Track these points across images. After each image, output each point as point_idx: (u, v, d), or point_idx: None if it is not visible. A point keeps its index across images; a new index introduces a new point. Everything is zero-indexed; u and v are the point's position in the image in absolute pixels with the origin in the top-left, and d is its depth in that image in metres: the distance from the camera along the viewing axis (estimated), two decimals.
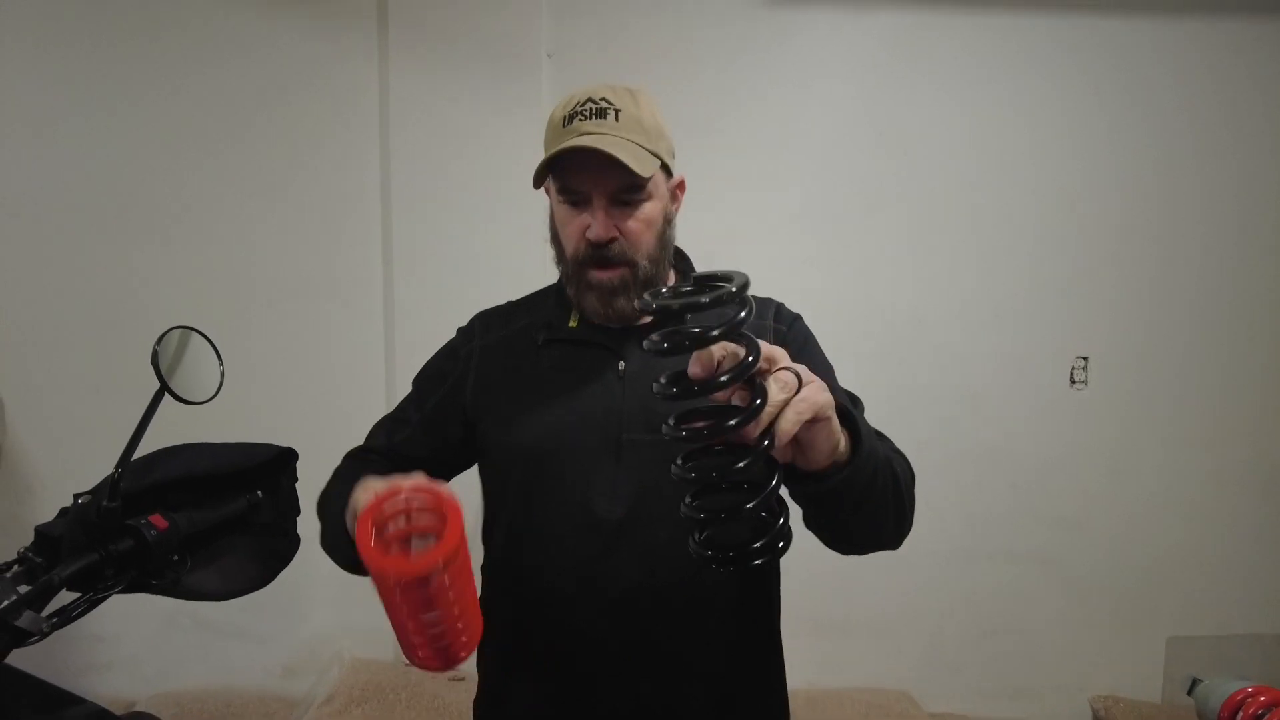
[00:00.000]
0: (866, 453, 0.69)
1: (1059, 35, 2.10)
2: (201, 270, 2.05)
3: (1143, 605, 2.24)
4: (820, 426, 0.61)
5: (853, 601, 2.19)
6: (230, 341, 2.18)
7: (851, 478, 0.68)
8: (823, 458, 0.64)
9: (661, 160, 0.94)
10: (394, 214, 2.06)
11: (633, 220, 0.93)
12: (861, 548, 0.83)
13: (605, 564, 0.92)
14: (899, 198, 2.14)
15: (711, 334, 0.56)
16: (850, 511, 0.73)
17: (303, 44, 2.02)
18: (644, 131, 0.92)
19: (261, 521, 1.07)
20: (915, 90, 2.11)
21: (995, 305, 2.17)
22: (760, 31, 2.08)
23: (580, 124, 0.91)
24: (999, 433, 2.19)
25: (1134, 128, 2.13)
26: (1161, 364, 2.19)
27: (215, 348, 1.04)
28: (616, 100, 0.92)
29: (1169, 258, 2.17)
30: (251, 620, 2.17)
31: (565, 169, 0.92)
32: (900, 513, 0.80)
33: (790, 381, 0.59)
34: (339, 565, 0.95)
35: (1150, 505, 2.22)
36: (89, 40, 1.98)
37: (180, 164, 2.03)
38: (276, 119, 2.03)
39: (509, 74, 2.01)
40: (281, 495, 1.08)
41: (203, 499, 1.02)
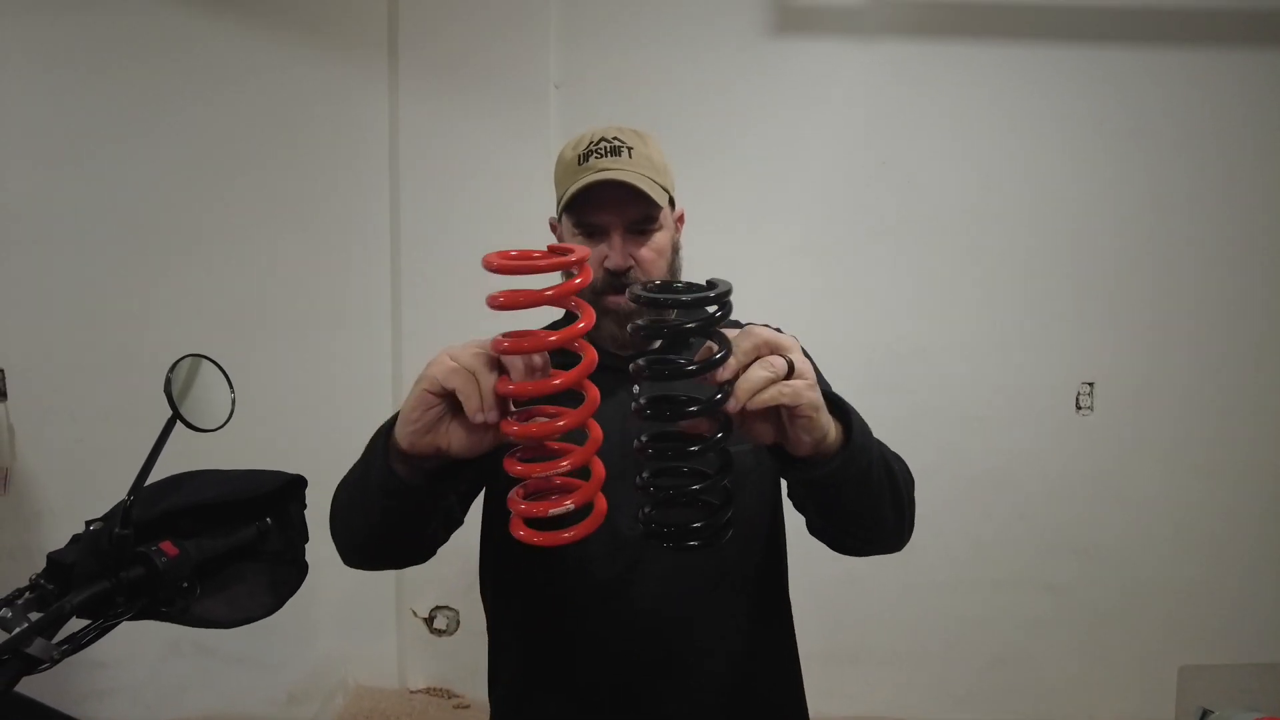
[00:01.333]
0: (860, 443, 0.72)
1: (1060, 65, 2.12)
2: (212, 297, 2.07)
3: (1153, 633, 2.21)
4: (804, 420, 0.65)
5: (859, 631, 2.17)
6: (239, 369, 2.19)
7: (845, 467, 0.71)
8: (805, 446, 0.68)
9: (669, 194, 1.01)
10: (403, 242, 2.09)
11: (646, 249, 0.98)
12: (864, 545, 0.87)
13: (630, 585, 0.95)
14: (902, 226, 2.15)
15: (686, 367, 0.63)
16: (848, 502, 0.77)
17: (314, 73, 2.06)
18: (654, 168, 0.98)
19: (271, 549, 1.08)
20: (918, 119, 2.13)
21: (999, 333, 2.17)
22: (764, 61, 2.11)
23: (597, 161, 0.96)
24: (1005, 460, 2.18)
25: (1136, 155, 2.14)
26: (1168, 389, 2.18)
27: (227, 376, 1.05)
28: (627, 140, 0.98)
29: (1173, 282, 2.17)
30: (255, 646, 2.16)
31: (584, 203, 0.96)
32: (899, 508, 0.83)
33: (779, 366, 0.63)
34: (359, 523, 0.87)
35: (1160, 531, 2.20)
36: (100, 69, 2.02)
37: (191, 192, 2.06)
38: (287, 148, 2.06)
39: (517, 104, 2.05)
40: (290, 523, 1.09)
41: (212, 526, 1.02)
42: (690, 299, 0.62)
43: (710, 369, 0.62)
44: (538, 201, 0.98)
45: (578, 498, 0.65)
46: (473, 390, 0.64)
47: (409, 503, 0.77)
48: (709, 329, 0.63)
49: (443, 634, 2.18)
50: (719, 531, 0.67)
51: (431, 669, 2.20)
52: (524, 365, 0.65)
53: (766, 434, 0.68)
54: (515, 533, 0.65)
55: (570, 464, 0.64)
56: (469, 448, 0.69)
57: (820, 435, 0.68)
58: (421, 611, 2.18)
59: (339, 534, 0.90)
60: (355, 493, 0.84)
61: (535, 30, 2.05)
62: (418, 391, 0.68)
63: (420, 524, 0.83)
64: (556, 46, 2.07)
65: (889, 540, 0.86)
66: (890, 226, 2.15)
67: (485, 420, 0.64)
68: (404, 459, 0.73)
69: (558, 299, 0.65)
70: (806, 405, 0.64)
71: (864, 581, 2.09)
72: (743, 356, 0.63)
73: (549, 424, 0.64)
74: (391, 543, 0.87)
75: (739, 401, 0.62)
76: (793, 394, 0.63)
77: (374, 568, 0.92)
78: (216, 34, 2.03)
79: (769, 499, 1.03)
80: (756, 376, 0.62)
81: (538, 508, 0.64)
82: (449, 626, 2.18)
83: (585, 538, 0.66)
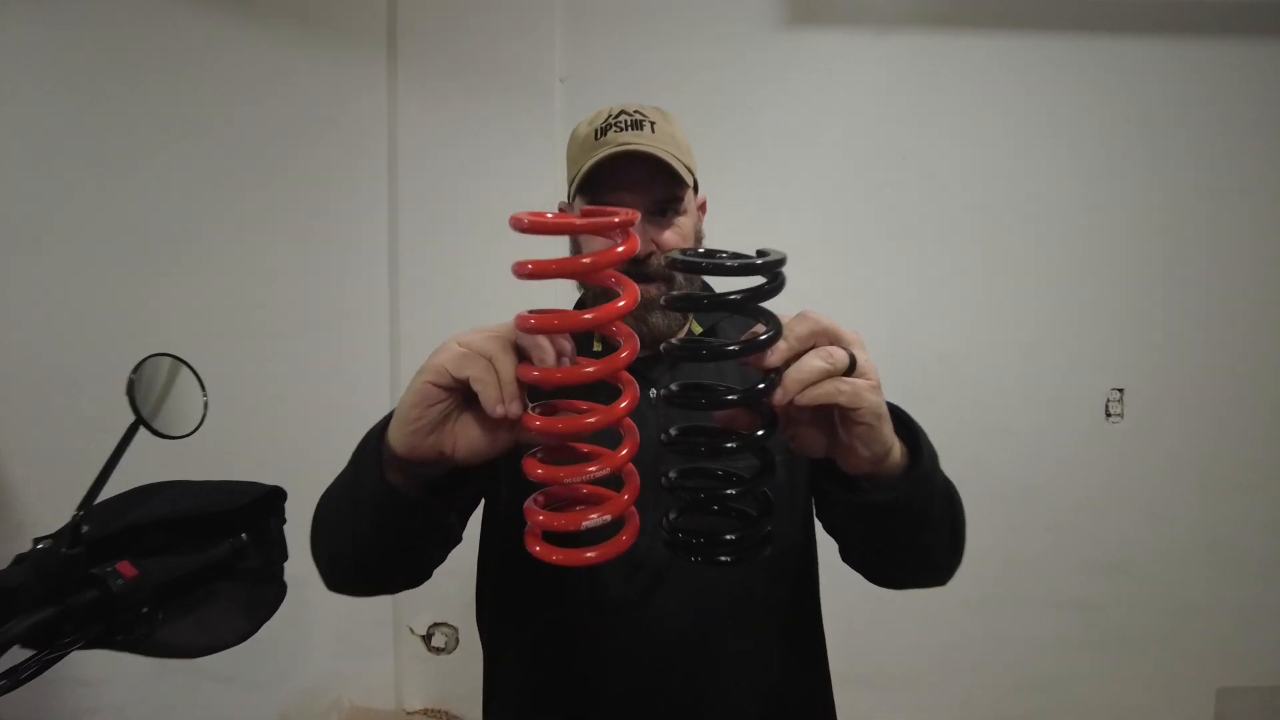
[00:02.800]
0: (927, 468, 0.64)
1: (1087, 56, 2.04)
2: (204, 300, 2.00)
3: (1190, 654, 2.12)
4: (863, 430, 0.56)
5: (882, 653, 2.08)
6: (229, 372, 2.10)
7: (908, 495, 0.62)
8: (861, 463, 0.59)
9: (693, 175, 0.92)
10: (401, 244, 2.01)
11: (669, 233, 0.89)
12: (908, 579, 0.79)
13: (649, 608, 0.85)
14: (922, 224, 2.08)
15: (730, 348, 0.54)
16: (903, 535, 0.68)
17: (309, 69, 1.99)
18: (678, 146, 0.89)
19: (247, 567, 0.99)
20: (938, 114, 2.06)
21: (1023, 336, 2.09)
22: (779, 54, 2.03)
23: (616, 135, 0.87)
24: (1032, 471, 2.09)
25: (1171, 150, 2.07)
26: (1202, 395, 2.10)
27: (199, 377, 0.96)
28: (649, 115, 0.90)
29: (1209, 281, 2.09)
30: (245, 666, 2.07)
31: (601, 181, 0.87)
32: (956, 542, 0.75)
33: (838, 358, 0.54)
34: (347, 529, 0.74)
35: (1196, 545, 2.11)
36: (84, 67, 1.95)
37: (183, 193, 1.99)
38: (281, 146, 1.99)
39: (521, 100, 1.97)
40: (268, 538, 1.00)
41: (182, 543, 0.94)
42: (737, 265, 0.54)
43: (756, 350, 0.53)
44: (543, 201, 0.89)
45: (611, 508, 0.55)
46: (491, 378, 0.55)
47: (406, 519, 0.67)
48: (756, 305, 0.54)
49: (441, 652, 2.10)
50: (756, 545, 0.58)
51: (430, 689, 2.12)
52: (550, 347, 0.56)
53: (815, 442, 0.59)
54: (531, 548, 0.56)
55: (605, 468, 0.55)
56: (480, 450, 0.60)
57: (881, 451, 0.58)
58: (419, 629, 2.10)
59: (322, 554, 0.79)
60: (342, 506, 0.74)
61: (539, 22, 1.98)
62: (419, 384, 0.58)
63: (418, 543, 0.73)
64: (562, 39, 2.00)
65: (939, 576, 0.77)
66: (910, 224, 2.07)
67: (506, 413, 0.55)
68: (401, 466, 0.63)
69: (596, 270, 0.55)
70: (868, 410, 0.55)
71: (884, 600, 1.95)
72: (795, 342, 0.54)
73: (579, 419, 0.55)
74: (383, 565, 0.76)
75: (787, 393, 0.53)
76: (852, 393, 0.54)
77: (363, 593, 0.82)
78: (206, 30, 1.96)
79: (801, 515, 0.93)
80: (811, 366, 0.53)
81: (566, 520, 0.55)
82: (448, 644, 2.10)
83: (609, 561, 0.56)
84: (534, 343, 0.55)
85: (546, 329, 0.54)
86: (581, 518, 0.54)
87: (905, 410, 0.67)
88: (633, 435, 0.58)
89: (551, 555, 0.55)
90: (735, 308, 0.55)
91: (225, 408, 1.87)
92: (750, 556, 0.58)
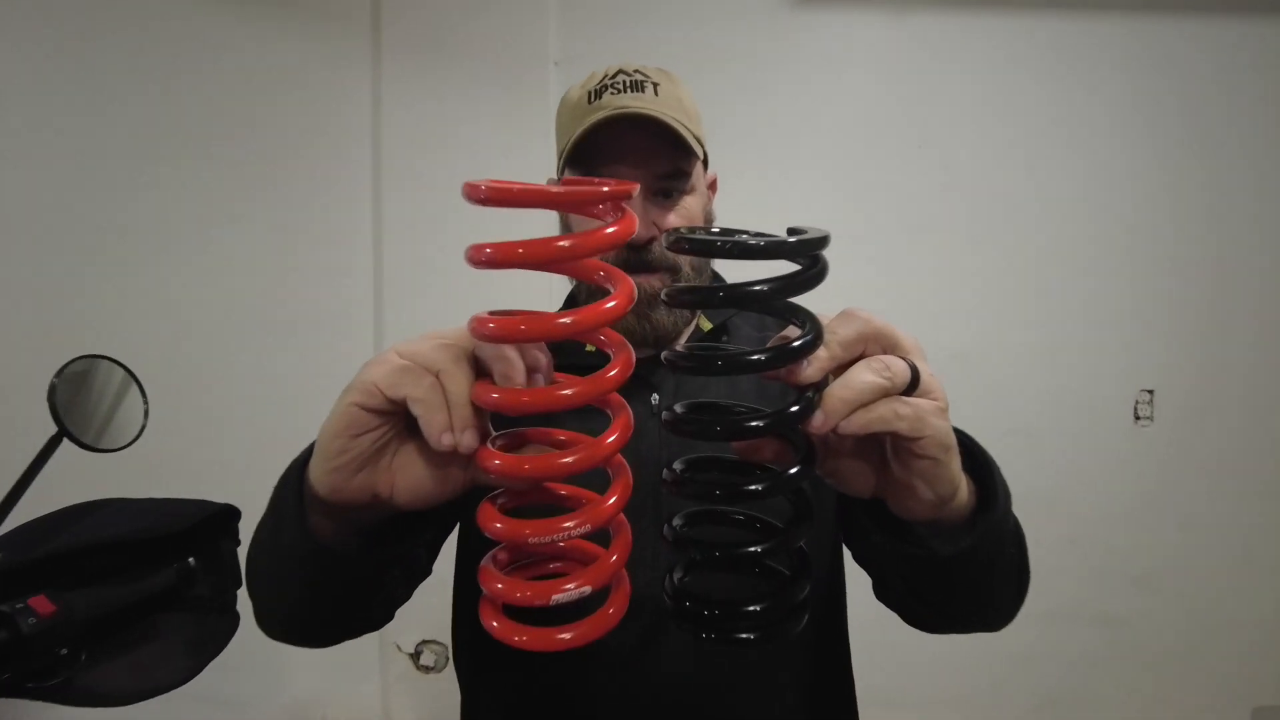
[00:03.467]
0: (1000, 517, 0.51)
1: (1125, 37, 1.95)
2: (176, 297, 1.89)
3: (1224, 673, 2.03)
4: (927, 465, 0.44)
5: (898, 671, 1.96)
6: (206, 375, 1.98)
7: (977, 547, 0.50)
8: (921, 507, 0.47)
9: (702, 147, 0.80)
10: (386, 236, 1.93)
11: (674, 215, 0.77)
12: (961, 629, 0.68)
13: (649, 652, 0.73)
14: (941, 217, 1.99)
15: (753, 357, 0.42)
16: (964, 587, 0.57)
17: (288, 51, 1.89)
18: (685, 113, 0.78)
19: (195, 595, 0.88)
20: (960, 100, 1.97)
21: (1047, 335, 2.00)
22: (785, 35, 1.94)
23: (613, 98, 0.75)
24: (1056, 478, 1.99)
25: (1200, 139, 1.97)
26: (1236, 397, 2.00)
27: (138, 381, 0.85)
28: (652, 75, 0.78)
29: (1245, 277, 1.99)
30: (227, 684, 1.94)
31: (593, 154, 0.75)
32: (1021, 590, 0.64)
33: (897, 371, 0.42)
34: (274, 572, 0.61)
35: (1229, 557, 2.02)
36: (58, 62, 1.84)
37: (153, 182, 1.88)
38: (257, 132, 1.89)
39: (512, 84, 1.88)
40: (220, 563, 0.89)
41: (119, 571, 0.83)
42: (764, 244, 0.41)
43: (788, 360, 0.41)
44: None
45: (594, 575, 0.42)
46: (436, 399, 0.42)
47: (338, 577, 0.54)
48: (787, 298, 0.42)
49: (430, 671, 2.02)
50: (788, 618, 0.45)
51: (419, 709, 2.03)
52: (518, 361, 0.43)
53: (860, 479, 0.47)
54: (487, 623, 0.43)
55: (586, 522, 0.41)
56: (425, 493, 0.46)
57: (947, 492, 0.46)
58: (407, 646, 2.02)
59: (255, 603, 0.65)
60: (264, 557, 0.60)
61: (532, 2, 1.89)
62: (343, 407, 0.45)
63: (361, 600, 0.60)
64: (556, 20, 1.91)
65: (995, 625, 0.66)
66: (927, 216, 1.98)
67: (456, 446, 0.42)
68: (328, 511, 0.50)
69: (577, 257, 0.43)
70: (934, 440, 0.43)
71: (898, 618, 1.90)
72: (840, 349, 0.42)
73: (551, 459, 0.42)
74: (321, 627, 0.64)
75: (830, 417, 0.41)
76: (915, 418, 0.42)
77: (308, 647, 0.69)
78: (177, 6, 1.86)
79: (828, 538, 0.81)
80: (861, 382, 0.42)
81: (531, 592, 0.41)
82: (437, 663, 2.01)
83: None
84: (497, 354, 0.42)
85: (510, 337, 0.41)
86: (552, 589, 0.41)
87: (972, 437, 0.55)
88: (623, 477, 0.45)
89: (514, 636, 0.42)
90: (761, 302, 0.43)
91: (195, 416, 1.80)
92: (780, 633, 0.44)
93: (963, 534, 0.51)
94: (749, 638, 0.43)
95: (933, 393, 0.44)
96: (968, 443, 0.53)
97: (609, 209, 0.45)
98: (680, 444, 0.74)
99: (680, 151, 0.76)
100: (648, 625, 0.72)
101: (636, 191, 0.45)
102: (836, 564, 0.83)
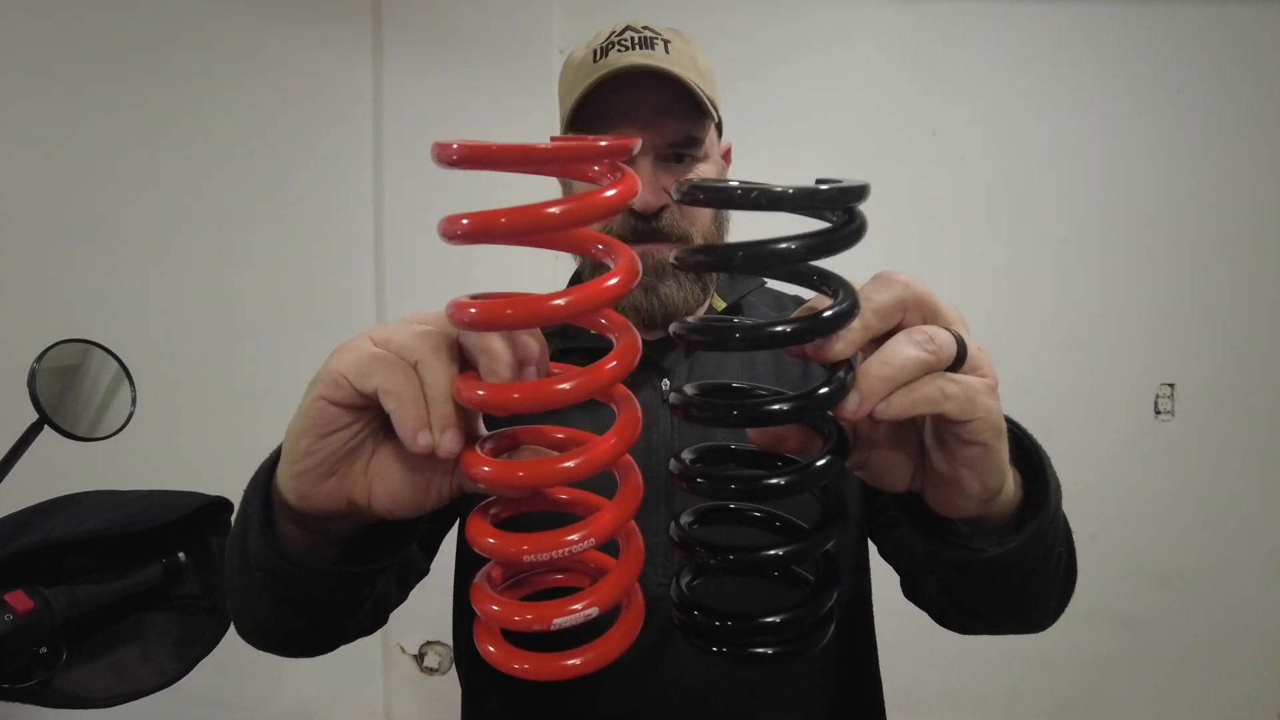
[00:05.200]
0: (1052, 515, 0.46)
1: (1137, 29, 1.91)
2: (176, 294, 1.87)
3: (1248, 675, 1.98)
4: (976, 453, 0.39)
5: (913, 672, 1.92)
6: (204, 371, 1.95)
7: (1026, 549, 0.45)
8: (969, 500, 0.41)
9: (716, 111, 0.74)
10: (387, 231, 1.90)
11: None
12: (998, 632, 0.62)
13: (660, 661, 0.68)
14: (954, 206, 1.95)
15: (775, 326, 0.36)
16: (1012, 593, 0.52)
17: (287, 43, 1.86)
18: (699, 73, 0.72)
19: (183, 594, 0.85)
20: (973, 88, 1.93)
21: (1065, 325, 1.96)
22: (796, 20, 1.91)
23: (620, 55, 0.70)
24: (1073, 473, 1.88)
25: (1222, 125, 1.93)
26: (1261, 390, 1.95)
27: (125, 367, 0.82)
28: (662, 33, 0.73)
29: (1269, 267, 1.95)
30: (226, 686, 1.93)
31: (599, 114, 0.70)
32: (1065, 595, 0.58)
33: (942, 343, 0.37)
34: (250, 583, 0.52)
35: (1253, 556, 1.97)
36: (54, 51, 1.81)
37: (152, 180, 1.86)
38: (258, 131, 1.86)
39: (516, 73, 1.85)
40: (209, 559, 0.86)
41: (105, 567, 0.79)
42: (793, 192, 0.35)
43: (820, 333, 0.35)
44: (541, 184, 0.72)
45: (602, 595, 0.37)
46: (411, 392, 0.37)
47: (309, 592, 0.47)
48: (819, 258, 0.36)
49: (434, 673, 1.99)
50: (811, 632, 0.39)
51: (422, 712, 2.01)
52: (505, 352, 0.37)
53: (896, 471, 0.42)
54: (483, 648, 0.38)
55: (590, 536, 0.36)
56: (405, 501, 0.41)
57: (996, 485, 0.41)
58: (410, 648, 1.99)
59: (232, 614, 0.59)
60: (234, 567, 0.53)
61: None
62: (309, 402, 0.39)
63: (338, 616, 0.53)
64: (559, 7, 1.88)
65: (1038, 626, 0.60)
66: (940, 206, 1.94)
67: (434, 448, 0.36)
68: (299, 519, 0.44)
69: (567, 224, 0.36)
70: (985, 424, 0.37)
71: (916, 615, 1.84)
72: (875, 319, 0.37)
73: (549, 464, 0.37)
74: (298, 638, 0.56)
75: (867, 399, 0.35)
76: (965, 398, 0.37)
77: (292, 657, 0.62)
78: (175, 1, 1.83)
79: (853, 532, 0.76)
80: (903, 356, 0.36)
81: (529, 614, 0.36)
82: (441, 664, 1.98)
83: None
84: (482, 345, 0.37)
85: (496, 323, 0.35)
86: (554, 612, 0.36)
87: (1019, 423, 0.49)
88: (632, 479, 0.39)
89: (513, 664, 0.37)
90: (788, 262, 0.36)
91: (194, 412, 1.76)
92: (802, 649, 0.39)
93: (1008, 532, 0.46)
94: (766, 653, 0.38)
95: (981, 369, 0.39)
96: (1015, 431, 0.48)
97: (606, 169, 0.40)
98: (695, 433, 0.70)
99: (694, 113, 0.71)
100: (660, 633, 0.67)
101: (638, 147, 0.39)
102: (862, 561, 0.78)
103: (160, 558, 0.82)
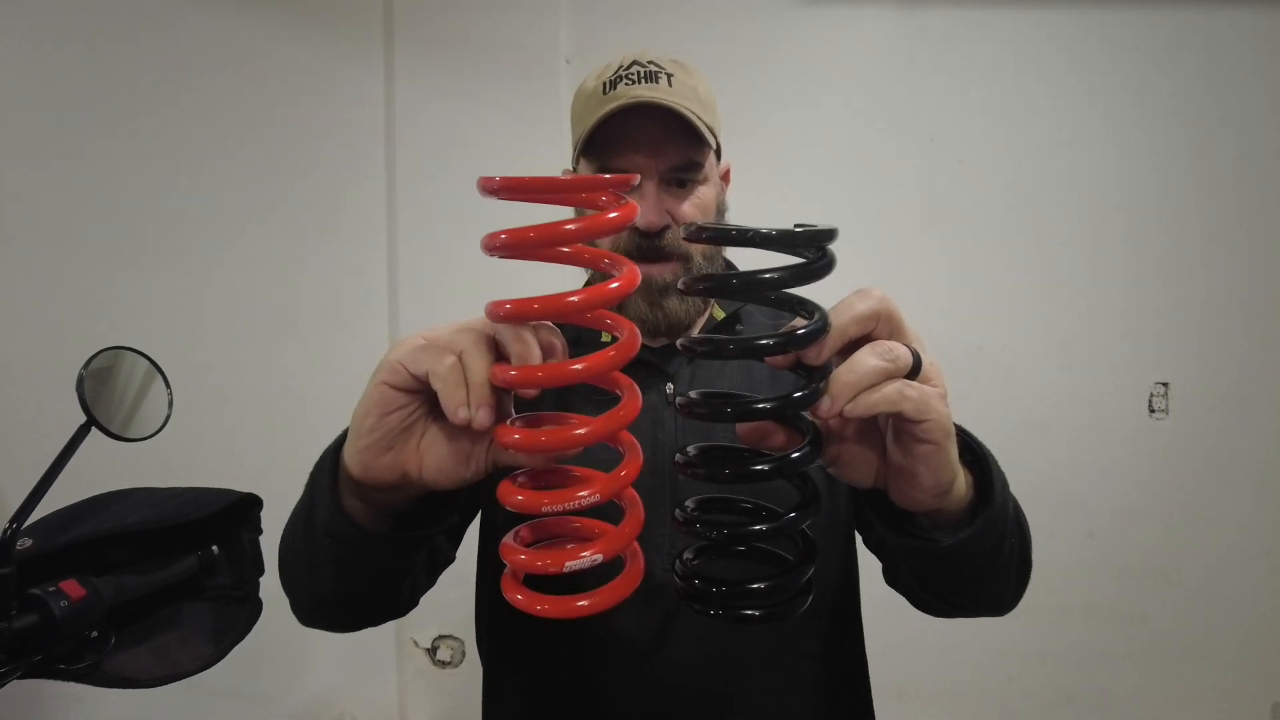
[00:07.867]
0: (1000, 504, 0.53)
1: (1127, 31, 1.93)
2: (193, 297, 1.91)
3: (1244, 668, 2.00)
4: (929, 450, 0.46)
5: (911, 665, 1.96)
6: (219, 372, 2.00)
7: (978, 538, 0.52)
8: (922, 494, 0.49)
9: (716, 138, 0.81)
10: (400, 234, 1.93)
11: (687, 205, 0.79)
12: (966, 614, 0.70)
13: (665, 641, 0.74)
14: (953, 211, 1.97)
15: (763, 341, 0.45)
16: (967, 576, 0.58)
17: (300, 52, 1.90)
18: (700, 103, 0.79)
19: (216, 585, 0.90)
20: (971, 93, 1.95)
21: (1060, 326, 1.98)
22: (796, 29, 1.94)
23: (628, 88, 0.77)
24: (1071, 472, 1.98)
25: (1216, 126, 1.95)
26: (1254, 388, 1.97)
27: (162, 372, 0.87)
28: (666, 66, 0.80)
29: (1262, 267, 1.96)
30: (245, 678, 1.97)
31: (607, 144, 0.77)
32: (1024, 575, 0.66)
33: (900, 356, 0.44)
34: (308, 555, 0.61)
35: (1249, 552, 1.99)
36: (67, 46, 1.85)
37: (168, 186, 1.90)
38: (271, 133, 1.90)
39: (524, 81, 1.89)
40: (241, 552, 0.91)
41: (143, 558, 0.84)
42: (776, 234, 0.44)
43: (798, 345, 0.43)
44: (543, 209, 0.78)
45: (606, 545, 0.45)
46: (455, 376, 0.46)
47: (369, 557, 0.56)
48: (796, 286, 0.45)
49: (447, 666, 2.02)
50: (792, 599, 0.48)
51: (436, 705, 2.04)
52: (533, 341, 0.45)
53: (862, 466, 0.49)
54: (510, 596, 0.46)
55: (598, 493, 0.44)
56: (450, 471, 0.49)
57: (947, 479, 0.48)
58: (424, 642, 2.02)
59: (288, 589, 0.68)
60: (298, 538, 0.62)
61: None
62: (373, 387, 0.49)
63: (390, 580, 0.62)
64: (567, 16, 1.91)
65: (1000, 610, 0.68)
66: (938, 210, 1.97)
67: (472, 421, 0.45)
68: (359, 492, 0.53)
69: (581, 237, 0.47)
70: (936, 425, 0.45)
71: (914, 610, 1.88)
72: (853, 325, 0.45)
73: (565, 431, 0.45)
74: (349, 608, 0.66)
75: (837, 400, 0.43)
76: (919, 401, 0.44)
77: (338, 631, 0.71)
78: (191, 10, 1.87)
79: (841, 541, 0.82)
80: (866, 365, 0.44)
81: (547, 559, 0.44)
82: (454, 658, 2.01)
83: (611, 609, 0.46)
84: (513, 335, 0.45)
85: (526, 315, 0.45)
86: (567, 556, 0.44)
87: (968, 431, 0.57)
88: (634, 454, 0.48)
89: (535, 605, 0.45)
90: (770, 289, 0.45)
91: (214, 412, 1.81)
92: (784, 612, 0.47)
93: (962, 526, 0.53)
94: (754, 614, 0.46)
95: (933, 380, 0.46)
96: (965, 436, 0.55)
97: (613, 199, 0.49)
98: (697, 433, 0.76)
99: (693, 141, 0.77)
100: (663, 619, 0.74)
101: (637, 181, 0.49)
102: (850, 554, 0.84)
103: (195, 551, 0.88)
